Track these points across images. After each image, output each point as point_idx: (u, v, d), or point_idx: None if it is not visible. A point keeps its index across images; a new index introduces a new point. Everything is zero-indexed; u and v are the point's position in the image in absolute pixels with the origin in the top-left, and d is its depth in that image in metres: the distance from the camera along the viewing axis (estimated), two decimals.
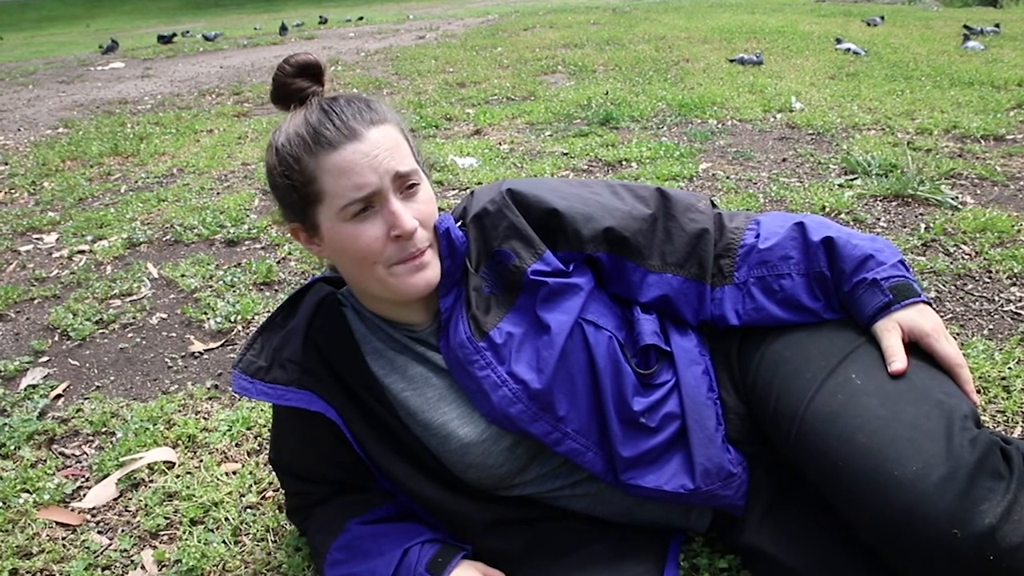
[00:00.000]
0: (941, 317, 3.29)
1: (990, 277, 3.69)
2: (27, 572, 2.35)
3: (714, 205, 2.12)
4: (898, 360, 1.75)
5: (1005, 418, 2.64)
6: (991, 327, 3.26)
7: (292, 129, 1.83)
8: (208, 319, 3.90)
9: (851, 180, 5.17)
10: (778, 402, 1.85)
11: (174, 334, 3.83)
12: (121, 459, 2.81)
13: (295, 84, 1.89)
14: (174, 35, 21.22)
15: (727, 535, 2.08)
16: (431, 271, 1.88)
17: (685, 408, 1.94)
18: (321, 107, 1.83)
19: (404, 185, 1.82)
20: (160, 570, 2.32)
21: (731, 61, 10.55)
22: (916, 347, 1.82)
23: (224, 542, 2.38)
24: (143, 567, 2.33)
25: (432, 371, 2.02)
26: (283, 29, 21.46)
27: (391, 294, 1.91)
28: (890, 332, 1.81)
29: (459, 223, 2.01)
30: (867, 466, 1.61)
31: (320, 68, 1.91)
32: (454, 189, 5.62)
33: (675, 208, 2.04)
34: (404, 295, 1.90)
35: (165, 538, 2.45)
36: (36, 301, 4.31)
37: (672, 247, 2.00)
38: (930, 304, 1.86)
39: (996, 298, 3.49)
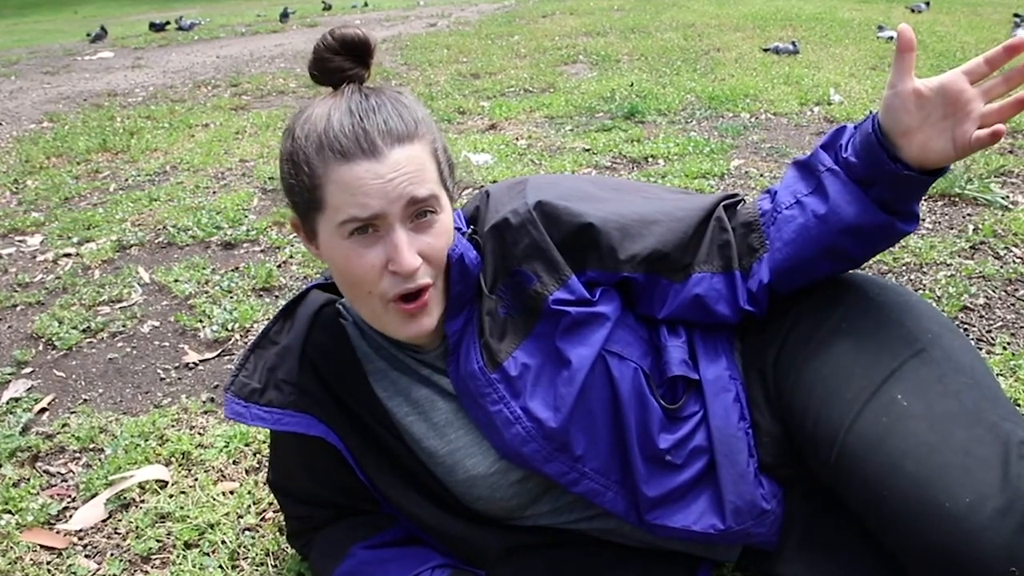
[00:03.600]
0: (990, 325, 3.28)
1: None
2: None
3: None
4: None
5: None
6: None
7: (313, 122, 1.73)
8: (203, 327, 3.91)
9: None
10: (816, 424, 1.79)
11: (167, 343, 3.84)
12: (110, 477, 2.82)
13: (334, 62, 1.77)
14: (167, 23, 21.25)
15: (760, 564, 2.05)
16: (428, 319, 1.83)
17: (714, 442, 1.90)
18: (349, 107, 1.73)
19: (416, 213, 1.74)
20: None
21: (765, 50, 10.57)
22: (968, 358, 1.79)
23: (221, 567, 2.39)
24: None
25: (439, 395, 2.00)
26: (284, 16, 21.49)
27: (378, 327, 1.89)
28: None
29: (470, 228, 1.96)
30: (915, 496, 1.57)
31: (368, 47, 1.78)
32: (467, 188, 5.64)
33: (712, 225, 1.96)
34: (394, 336, 1.88)
35: (157, 562, 2.46)
36: (19, 308, 4.33)
37: (696, 250, 1.94)
38: None
39: None
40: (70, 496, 2.80)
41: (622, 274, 1.92)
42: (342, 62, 1.78)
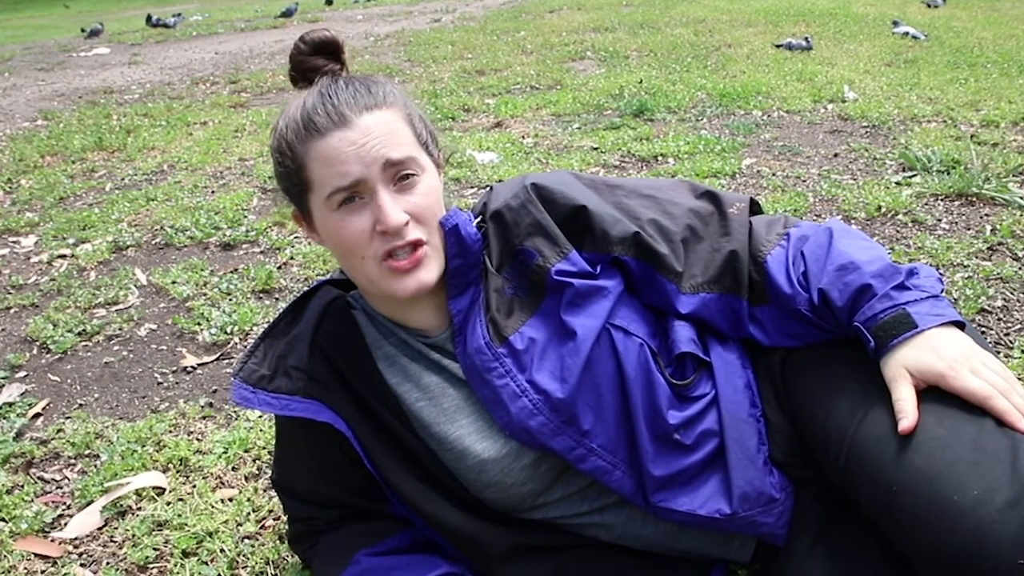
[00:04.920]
0: (1008, 328, 3.27)
1: None
2: None
3: (756, 206, 2.12)
4: (905, 417, 1.65)
5: None
6: None
7: (291, 113, 1.87)
8: (202, 330, 3.91)
9: (910, 177, 5.16)
10: (826, 423, 1.81)
11: (164, 347, 3.84)
12: (106, 484, 2.81)
13: (310, 62, 1.93)
14: (167, 18, 21.26)
15: (772, 566, 2.06)
16: (425, 272, 1.87)
17: (724, 425, 1.92)
18: (320, 90, 1.86)
19: (397, 175, 1.82)
20: None
21: (777, 46, 10.55)
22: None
23: (219, 575, 2.39)
24: None
25: (448, 381, 2.02)
26: (289, 12, 21.46)
27: (379, 291, 1.93)
28: (896, 382, 1.72)
29: (478, 219, 2.01)
30: (924, 491, 1.57)
31: (337, 45, 1.95)
32: (472, 187, 5.63)
33: (707, 229, 2.02)
34: (392, 295, 1.90)
35: (155, 571, 2.45)
36: (12, 311, 4.34)
37: (703, 267, 1.98)
38: (959, 324, 1.77)
39: None
40: (65, 503, 2.79)
41: (613, 254, 1.97)
42: (317, 61, 1.94)
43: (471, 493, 2.01)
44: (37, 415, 3.35)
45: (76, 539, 2.61)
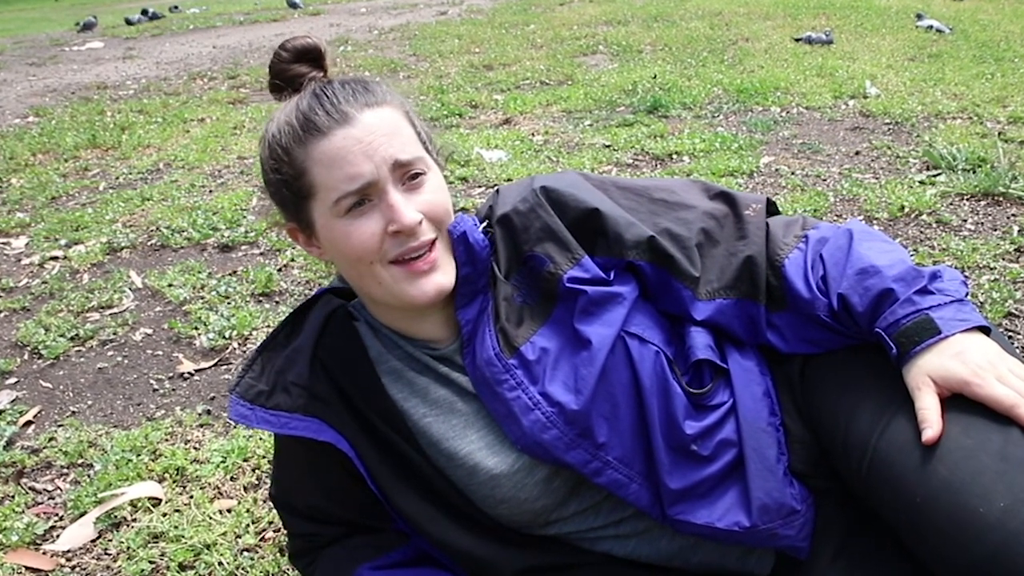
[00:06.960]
0: None
1: None
2: None
3: (773, 206, 2.12)
4: (929, 426, 1.63)
5: None
6: None
7: (283, 118, 1.84)
8: (199, 335, 3.91)
9: (934, 176, 5.15)
10: (848, 431, 1.79)
11: (160, 352, 3.84)
12: (100, 495, 2.81)
13: (292, 70, 1.91)
14: (168, 10, 21.26)
15: None
16: (442, 275, 1.86)
17: (742, 435, 1.91)
18: (313, 92, 1.84)
19: (406, 175, 1.81)
20: None
21: (797, 40, 10.56)
22: None
23: None
24: None
25: (457, 394, 2.00)
26: (294, 4, 21.47)
27: (394, 299, 1.89)
28: (919, 390, 1.70)
29: (484, 223, 1.99)
30: (949, 502, 1.56)
31: (320, 52, 1.93)
32: (480, 186, 5.63)
33: (722, 232, 2.01)
34: (410, 302, 1.88)
35: None
36: (2, 314, 4.34)
37: (719, 272, 1.97)
38: (985, 329, 1.75)
39: None
40: (57, 514, 2.80)
41: (628, 259, 1.96)
42: (300, 68, 1.92)
43: (481, 512, 1.99)
44: (28, 423, 3.35)
45: (69, 552, 2.61)
